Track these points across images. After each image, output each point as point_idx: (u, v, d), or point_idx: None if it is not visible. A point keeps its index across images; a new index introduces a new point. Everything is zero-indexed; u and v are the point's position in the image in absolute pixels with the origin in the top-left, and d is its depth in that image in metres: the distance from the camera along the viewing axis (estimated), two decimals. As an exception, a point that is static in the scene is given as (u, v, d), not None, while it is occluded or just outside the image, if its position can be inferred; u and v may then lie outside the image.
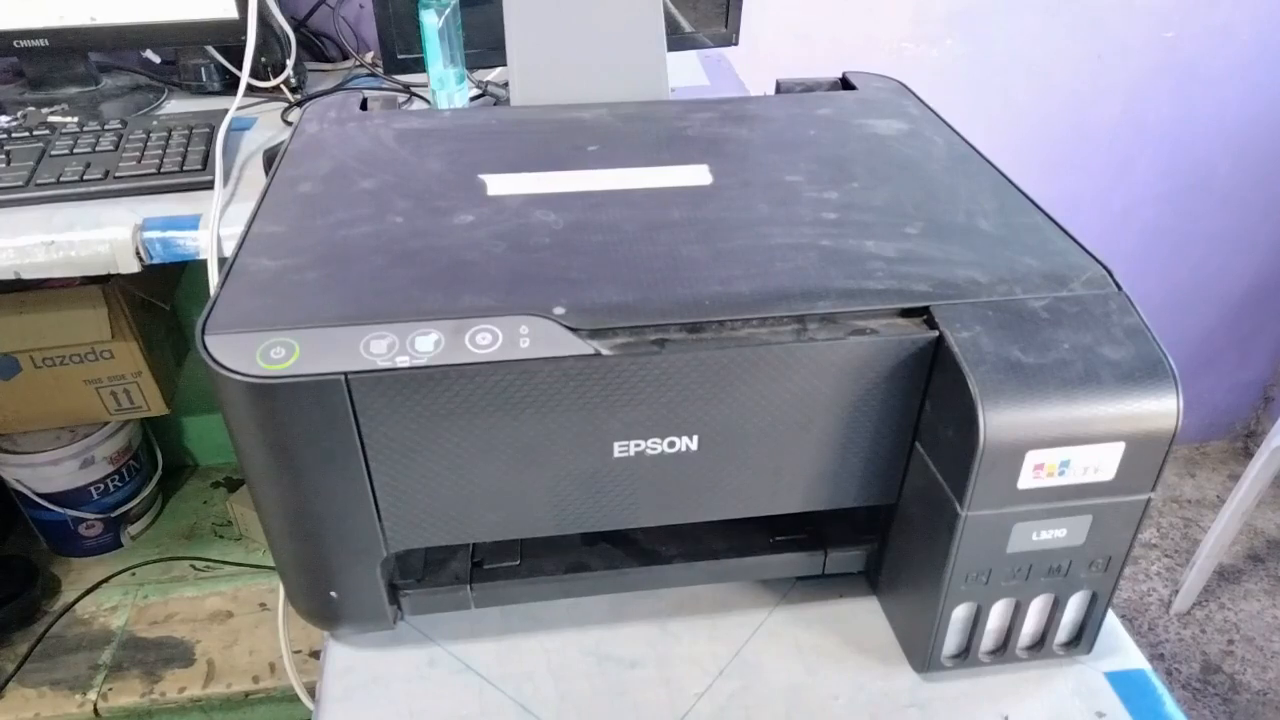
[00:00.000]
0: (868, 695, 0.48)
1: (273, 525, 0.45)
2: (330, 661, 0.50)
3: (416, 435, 0.41)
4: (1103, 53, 1.32)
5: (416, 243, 0.46)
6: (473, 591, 0.50)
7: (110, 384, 1.10)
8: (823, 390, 0.43)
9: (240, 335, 0.39)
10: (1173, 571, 1.61)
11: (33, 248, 0.74)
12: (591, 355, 0.40)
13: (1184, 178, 1.47)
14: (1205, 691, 1.41)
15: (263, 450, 0.41)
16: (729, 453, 0.44)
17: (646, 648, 0.51)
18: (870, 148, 0.57)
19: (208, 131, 0.86)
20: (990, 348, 0.41)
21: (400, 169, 0.54)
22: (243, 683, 1.12)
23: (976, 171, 0.55)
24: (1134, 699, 0.47)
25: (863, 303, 0.42)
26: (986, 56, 1.30)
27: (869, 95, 0.66)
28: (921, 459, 0.45)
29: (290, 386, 0.38)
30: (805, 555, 0.52)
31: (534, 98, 0.64)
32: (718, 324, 0.41)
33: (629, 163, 0.55)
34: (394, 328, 0.40)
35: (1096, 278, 0.45)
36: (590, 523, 0.46)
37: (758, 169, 0.55)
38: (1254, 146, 1.45)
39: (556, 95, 0.64)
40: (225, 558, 1.28)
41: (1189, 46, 1.33)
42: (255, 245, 0.46)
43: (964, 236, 0.47)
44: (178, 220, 0.76)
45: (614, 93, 0.64)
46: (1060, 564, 0.44)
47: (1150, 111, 1.39)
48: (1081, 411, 0.40)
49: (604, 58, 0.65)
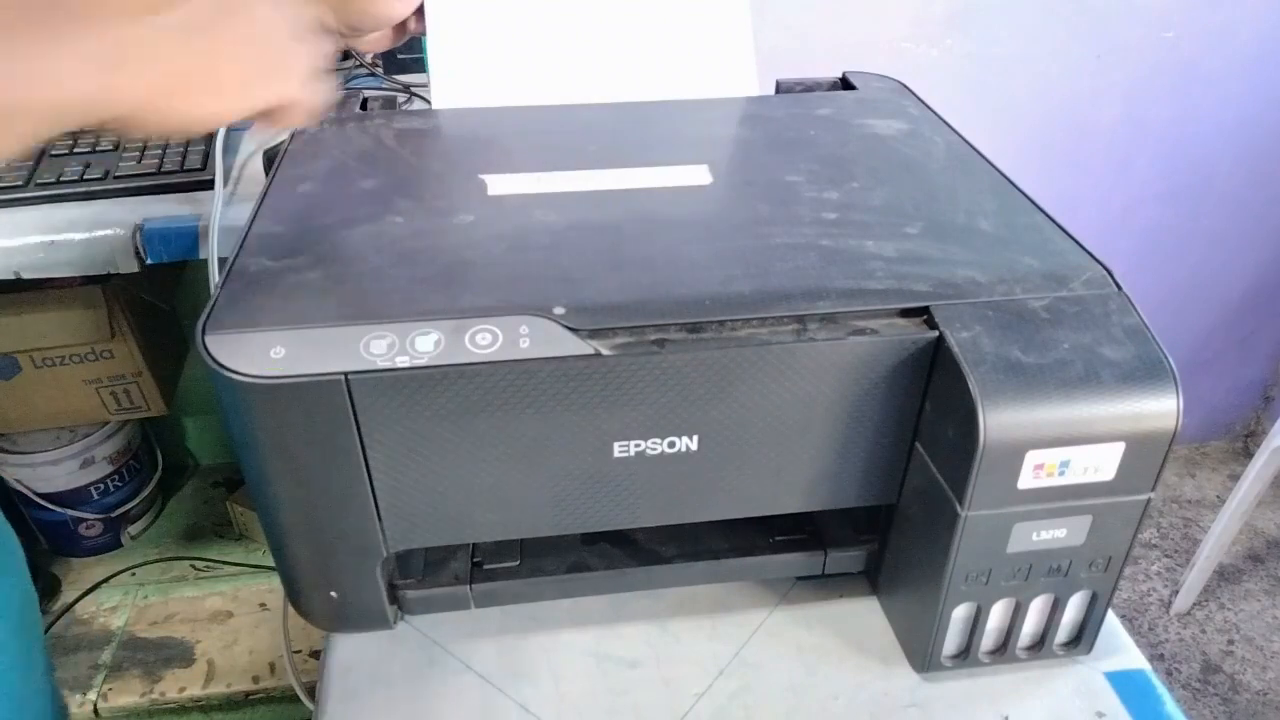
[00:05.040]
0: (868, 695, 0.48)
1: (273, 525, 0.45)
2: (330, 661, 0.50)
3: (416, 435, 0.41)
4: (1102, 53, 1.32)
5: (416, 243, 0.46)
6: (473, 591, 0.50)
7: (110, 384, 1.10)
8: (823, 390, 0.43)
9: (240, 335, 0.39)
10: (1173, 571, 1.61)
11: (33, 248, 0.74)
12: (591, 355, 0.40)
13: (1184, 178, 1.47)
14: (1205, 691, 1.41)
15: (262, 450, 0.41)
16: (729, 453, 0.44)
17: (646, 648, 0.51)
18: (870, 148, 0.57)
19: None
20: (990, 348, 0.41)
21: (400, 169, 0.54)
22: (243, 683, 1.12)
23: (976, 171, 0.55)
24: (1134, 699, 0.47)
25: (863, 303, 0.42)
26: (986, 56, 1.30)
27: (869, 95, 0.66)
28: (921, 459, 0.45)
29: (290, 386, 0.38)
30: (805, 555, 0.52)
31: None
32: (718, 324, 0.41)
33: (630, 163, 0.55)
34: (394, 327, 0.40)
35: (1096, 278, 0.45)
36: (590, 523, 0.46)
37: (758, 169, 0.55)
38: (1254, 146, 1.45)
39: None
40: (225, 558, 1.28)
41: (1189, 46, 1.33)
42: (255, 245, 0.46)
43: (964, 236, 0.47)
44: (178, 220, 0.76)
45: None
46: (1060, 564, 0.44)
47: (1150, 111, 1.39)
48: (1081, 411, 0.40)
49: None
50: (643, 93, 0.65)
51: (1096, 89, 1.35)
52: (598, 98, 0.64)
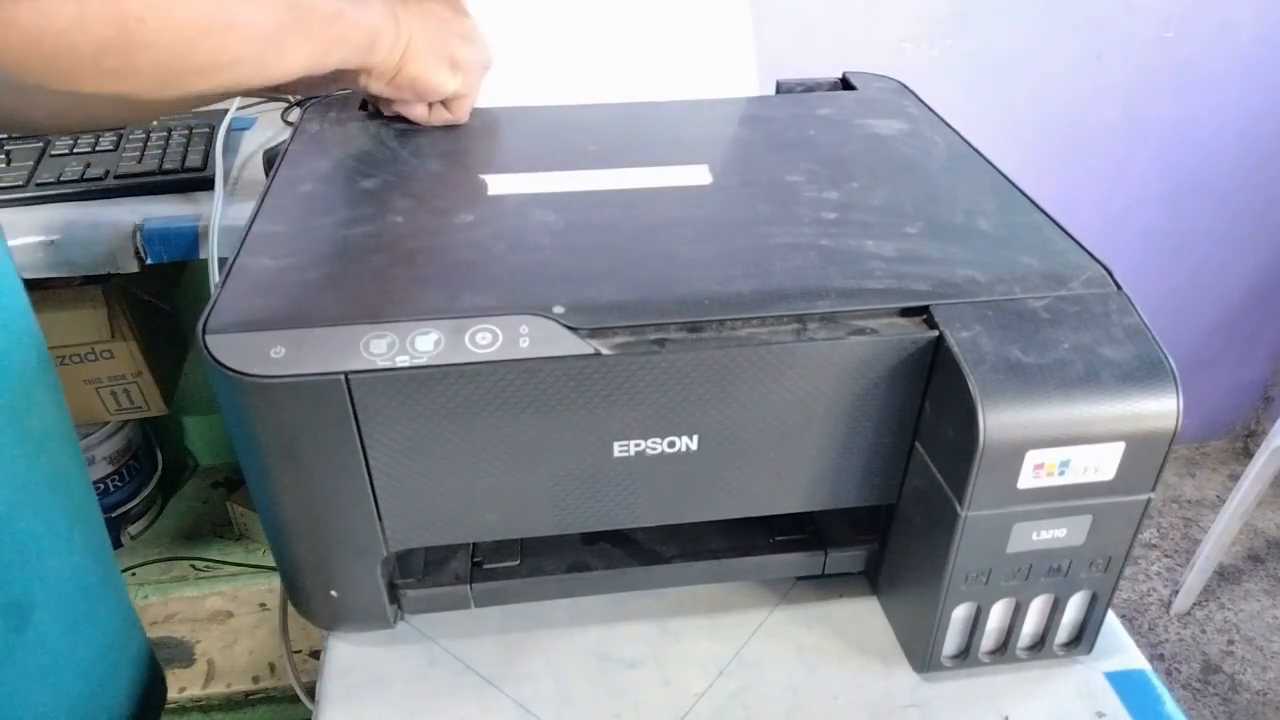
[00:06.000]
0: (868, 695, 0.48)
1: (273, 524, 0.45)
2: (330, 661, 0.50)
3: (416, 434, 0.41)
4: (1102, 53, 1.32)
5: (417, 242, 0.46)
6: (473, 591, 0.50)
7: (110, 384, 1.10)
8: (822, 390, 0.43)
9: (241, 335, 0.39)
10: (1173, 571, 1.61)
11: (33, 247, 0.74)
12: (591, 355, 0.40)
13: (1184, 178, 1.47)
14: (1205, 691, 1.41)
15: (263, 449, 0.41)
16: (729, 452, 0.44)
17: (646, 648, 0.51)
18: (870, 148, 0.57)
19: (208, 131, 0.86)
20: (990, 347, 0.41)
21: (401, 169, 0.54)
22: (243, 683, 1.12)
23: (976, 171, 0.55)
24: (1134, 699, 0.47)
25: (862, 302, 0.42)
26: (986, 56, 1.30)
27: (869, 95, 0.66)
28: (922, 459, 0.45)
29: (290, 386, 0.38)
30: (805, 555, 0.52)
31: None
32: (717, 323, 0.41)
33: (630, 162, 0.55)
34: (394, 327, 0.40)
35: (1096, 277, 0.45)
36: (590, 522, 0.46)
37: (758, 169, 0.55)
38: (1254, 146, 1.45)
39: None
40: (225, 558, 1.28)
41: (1189, 46, 1.33)
42: (256, 245, 0.46)
43: (964, 236, 0.47)
44: (178, 220, 0.76)
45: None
46: (1060, 564, 0.44)
47: (1150, 111, 1.39)
48: (1081, 411, 0.40)
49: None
50: (643, 93, 0.65)
51: (1096, 89, 1.35)
52: (599, 98, 0.64)
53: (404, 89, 0.57)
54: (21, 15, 0.36)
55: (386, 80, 0.56)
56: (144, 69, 0.42)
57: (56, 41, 0.38)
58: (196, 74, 0.44)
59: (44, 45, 0.38)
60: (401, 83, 0.56)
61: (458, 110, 0.60)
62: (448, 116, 0.60)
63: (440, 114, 0.59)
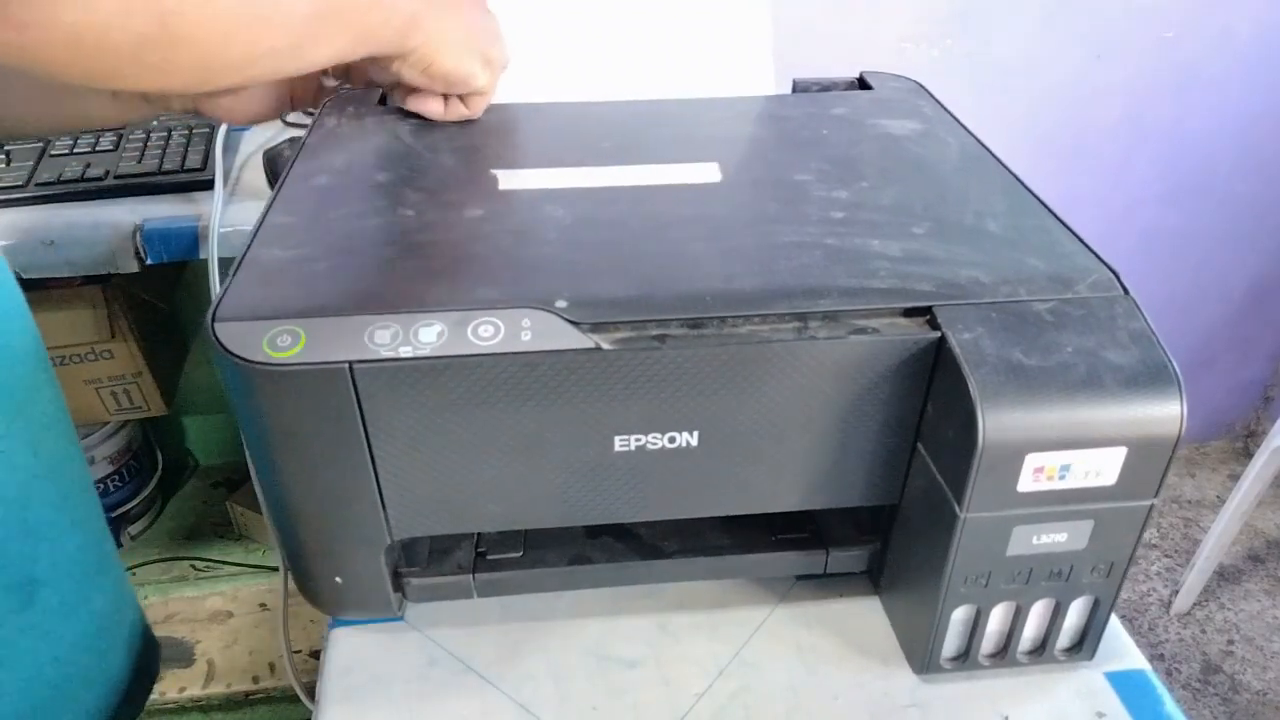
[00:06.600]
0: (868, 695, 0.48)
1: (279, 511, 0.45)
2: (330, 661, 0.50)
3: (419, 424, 0.41)
4: (1102, 53, 1.32)
5: (425, 236, 0.46)
6: (475, 581, 0.50)
7: (110, 384, 1.10)
8: (823, 389, 0.43)
9: (249, 323, 0.40)
10: (1173, 572, 1.61)
11: (33, 248, 0.74)
12: (592, 349, 0.40)
13: (1184, 178, 1.47)
14: (1205, 691, 1.41)
15: (269, 436, 0.41)
16: (729, 449, 0.44)
17: (646, 647, 0.51)
18: (883, 147, 0.57)
19: (208, 131, 0.86)
20: (992, 349, 0.40)
21: (415, 163, 0.54)
22: (243, 683, 1.12)
23: (988, 172, 0.55)
24: (1134, 699, 0.47)
25: (865, 302, 0.42)
26: (986, 57, 1.30)
27: (884, 95, 0.66)
28: (923, 460, 0.45)
29: (295, 374, 0.39)
30: (807, 554, 0.51)
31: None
32: (719, 320, 0.41)
33: (642, 159, 0.55)
34: (398, 318, 0.40)
35: (1103, 281, 0.44)
36: (591, 515, 0.46)
37: (768, 167, 0.55)
38: (1254, 146, 1.45)
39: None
40: (225, 558, 1.28)
41: (1189, 46, 1.33)
42: (268, 235, 0.46)
43: (971, 237, 0.47)
44: (178, 220, 0.76)
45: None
46: (1061, 568, 0.44)
47: (1150, 112, 1.39)
48: (1083, 415, 0.39)
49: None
50: (659, 90, 0.65)
51: (1096, 89, 1.35)
52: (615, 95, 0.64)
53: (436, 79, 0.56)
54: (62, 13, 0.36)
55: (421, 69, 0.55)
56: (183, 63, 0.42)
57: (98, 39, 0.38)
58: (234, 66, 0.44)
59: (85, 43, 0.38)
60: (435, 73, 0.55)
61: (474, 106, 0.59)
62: (464, 112, 0.59)
63: (456, 109, 0.59)
